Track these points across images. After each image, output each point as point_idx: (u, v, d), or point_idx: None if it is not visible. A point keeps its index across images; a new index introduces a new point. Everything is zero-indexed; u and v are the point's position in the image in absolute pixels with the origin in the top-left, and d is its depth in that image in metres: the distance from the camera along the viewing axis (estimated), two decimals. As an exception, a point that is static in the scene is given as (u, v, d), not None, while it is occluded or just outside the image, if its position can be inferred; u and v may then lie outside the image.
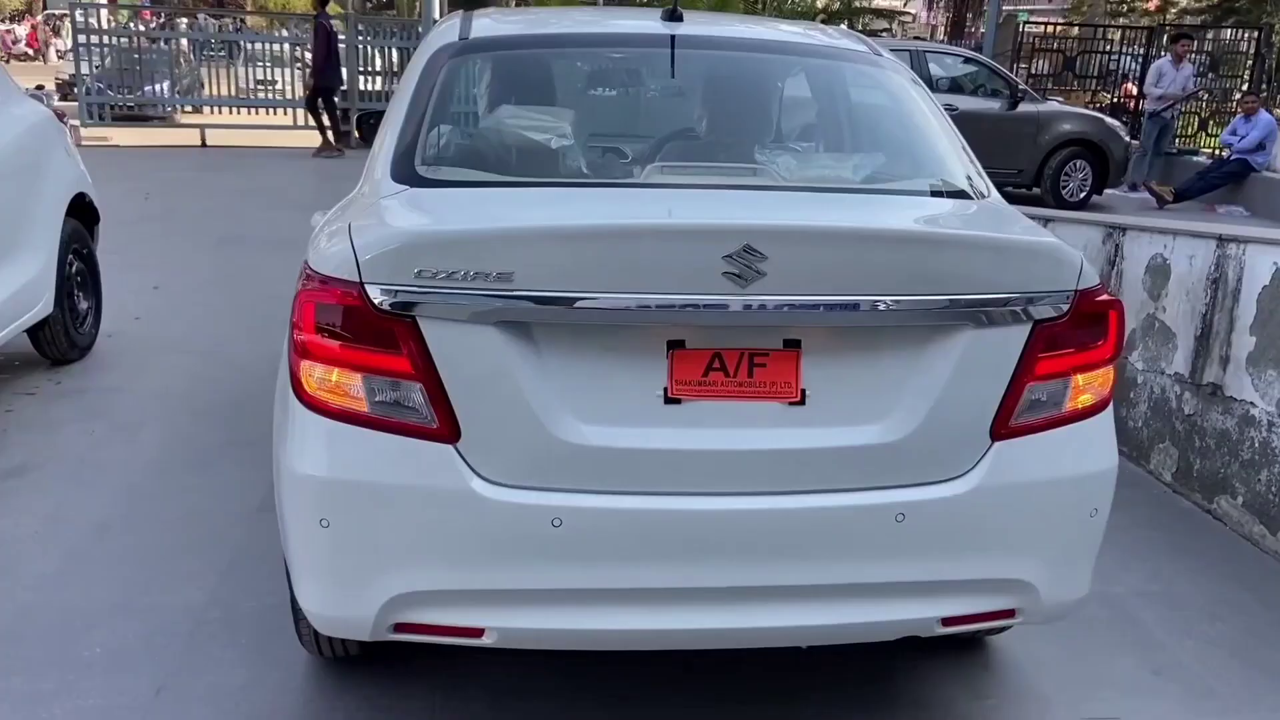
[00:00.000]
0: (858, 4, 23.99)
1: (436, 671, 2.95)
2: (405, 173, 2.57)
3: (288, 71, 15.91)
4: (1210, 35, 17.98)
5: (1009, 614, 2.51)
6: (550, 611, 2.32)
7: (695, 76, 3.09)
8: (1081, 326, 2.38)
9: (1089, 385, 2.44)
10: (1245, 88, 16.20)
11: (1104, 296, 2.43)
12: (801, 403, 2.28)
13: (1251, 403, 4.01)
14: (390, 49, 15.36)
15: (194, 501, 3.95)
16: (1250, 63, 16.43)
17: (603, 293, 2.16)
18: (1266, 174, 12.19)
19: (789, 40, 3.23)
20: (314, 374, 2.24)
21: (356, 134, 13.66)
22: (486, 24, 3.10)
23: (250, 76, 15.97)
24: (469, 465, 2.21)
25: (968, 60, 12.64)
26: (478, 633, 2.33)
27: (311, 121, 14.27)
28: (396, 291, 2.14)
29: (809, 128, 3.20)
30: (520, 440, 2.21)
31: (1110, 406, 2.52)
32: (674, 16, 3.04)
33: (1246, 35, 17.26)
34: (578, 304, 2.16)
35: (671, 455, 2.25)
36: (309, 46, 16.52)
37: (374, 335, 2.18)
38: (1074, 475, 2.45)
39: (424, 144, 2.66)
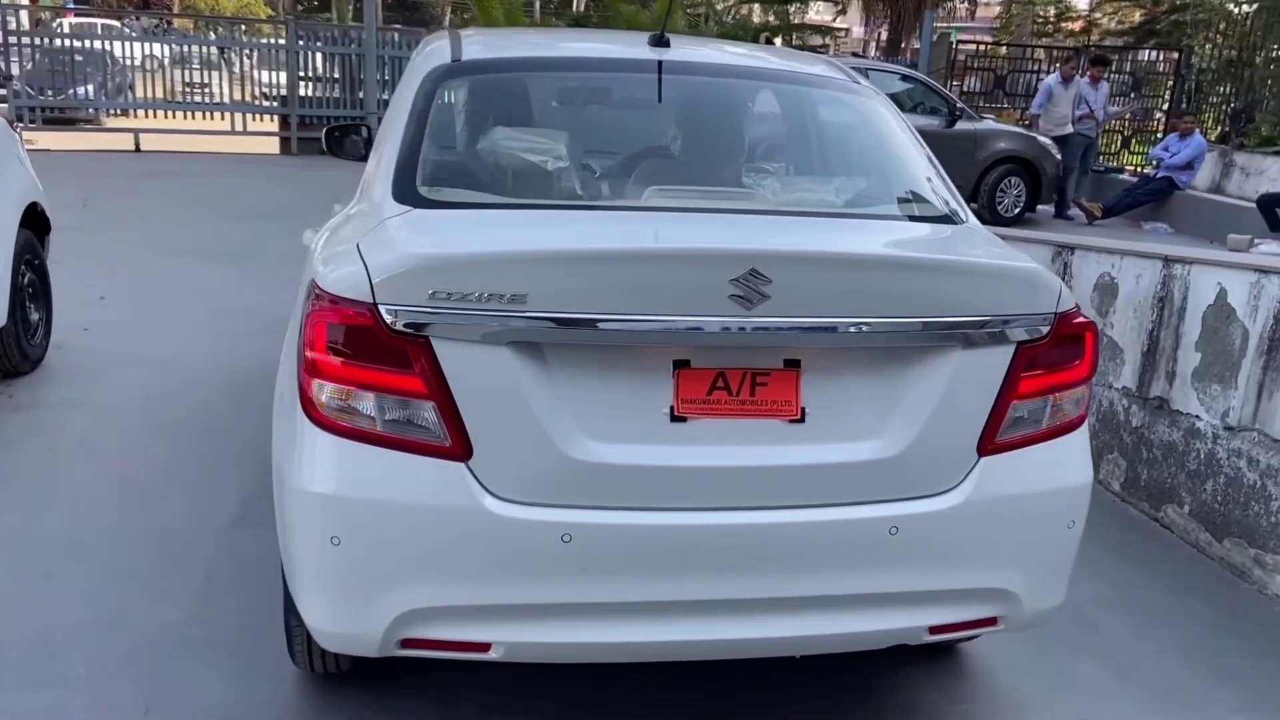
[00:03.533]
0: (795, 21, 24.38)
1: (426, 685, 2.97)
2: (407, 193, 2.61)
3: (217, 75, 15.64)
4: (1132, 56, 18.63)
5: (991, 622, 2.62)
6: (556, 626, 2.37)
7: (686, 101, 3.17)
8: (1061, 347, 2.50)
9: (1067, 403, 2.57)
10: (1166, 107, 16.81)
11: (1080, 319, 2.55)
12: (801, 420, 2.36)
13: (1197, 416, 4.20)
14: (332, 55, 15.18)
15: (162, 518, 3.91)
16: (1171, 83, 17.01)
17: (614, 314, 2.23)
18: (1189, 192, 12.67)
19: (771, 67, 3.32)
20: (325, 393, 2.27)
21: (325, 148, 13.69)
22: (477, 45, 3.15)
23: (174, 79, 15.47)
24: (480, 483, 2.26)
25: (905, 78, 12.92)
26: (484, 648, 2.37)
27: (252, 127, 14.35)
28: (410, 312, 2.18)
29: (794, 152, 3.29)
30: (531, 458, 2.26)
31: (1086, 423, 2.65)
32: (661, 42, 3.12)
33: (1165, 56, 17.87)
34: (590, 325, 2.22)
35: (677, 472, 2.32)
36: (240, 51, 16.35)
37: (386, 355, 2.21)
38: (1054, 489, 2.57)
39: (423, 165, 2.69)
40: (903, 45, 19.15)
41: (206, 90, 15.69)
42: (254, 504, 4.01)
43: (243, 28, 18.09)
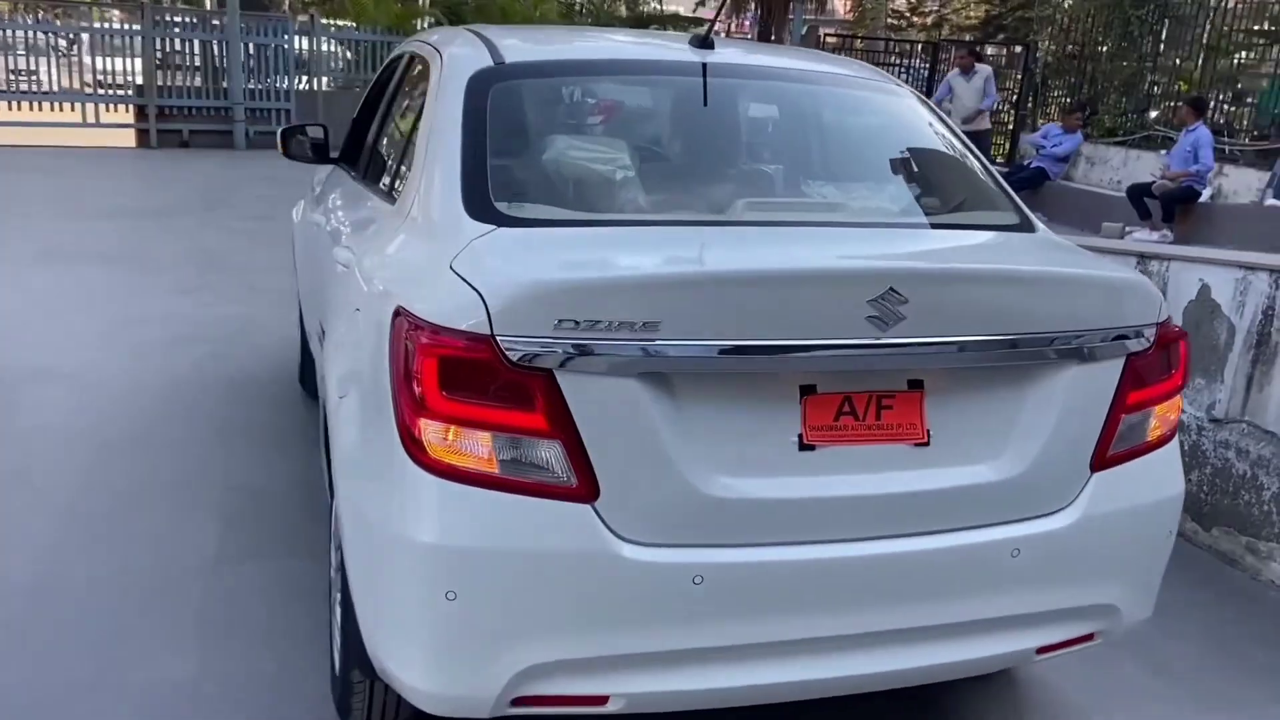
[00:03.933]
0: (649, 10, 24.30)
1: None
2: (483, 209, 2.38)
3: (47, 60, 14.31)
4: (982, 49, 19.29)
5: (1090, 637, 2.59)
6: (682, 672, 2.21)
7: (752, 107, 3.03)
8: (1160, 357, 2.49)
9: (1165, 413, 2.56)
10: (1015, 99, 17.47)
11: (1176, 327, 2.54)
12: (927, 443, 2.27)
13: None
14: (191, 41, 14.30)
15: (130, 554, 3.55)
16: (1019, 76, 17.68)
17: (750, 339, 2.09)
18: (1059, 183, 13.20)
19: (823, 70, 3.18)
20: (435, 433, 2.05)
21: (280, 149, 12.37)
22: (515, 46, 2.91)
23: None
24: (606, 525, 2.08)
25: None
26: (602, 700, 2.20)
27: (106, 118, 13.49)
28: (534, 343, 1.99)
29: (862, 159, 3.16)
30: (661, 496, 2.10)
31: (1176, 433, 2.64)
32: (705, 44, 2.96)
33: (1009, 51, 18.55)
34: (726, 352, 2.07)
35: (808, 503, 2.20)
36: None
37: (506, 390, 2.02)
38: (1156, 500, 2.56)
39: (494, 177, 2.46)
40: (773, 37, 19.36)
41: (34, 78, 14.37)
42: (230, 535, 3.72)
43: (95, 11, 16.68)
